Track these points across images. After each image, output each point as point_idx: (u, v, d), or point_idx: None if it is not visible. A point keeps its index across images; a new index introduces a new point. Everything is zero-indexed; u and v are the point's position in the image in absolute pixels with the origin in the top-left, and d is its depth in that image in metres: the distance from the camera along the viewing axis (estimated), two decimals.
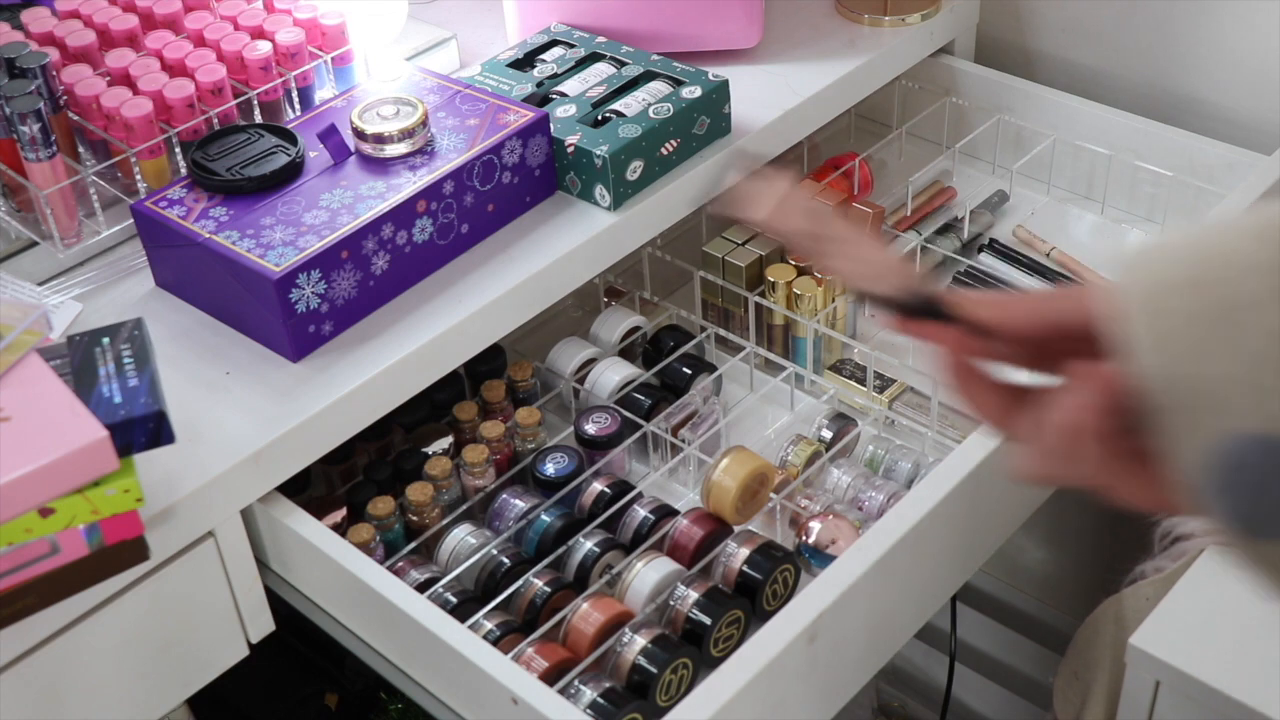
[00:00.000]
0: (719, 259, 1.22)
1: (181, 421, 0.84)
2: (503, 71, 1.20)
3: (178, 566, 0.92)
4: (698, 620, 0.98)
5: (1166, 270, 0.48)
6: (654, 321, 1.26)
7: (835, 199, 1.27)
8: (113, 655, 0.91)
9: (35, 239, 1.08)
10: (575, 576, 1.02)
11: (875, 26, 1.37)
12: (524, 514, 1.06)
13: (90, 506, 0.79)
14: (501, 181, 1.08)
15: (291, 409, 0.95)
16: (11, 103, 1.01)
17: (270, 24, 1.17)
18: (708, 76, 1.17)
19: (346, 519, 1.08)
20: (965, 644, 1.64)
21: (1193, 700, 1.00)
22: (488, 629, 0.96)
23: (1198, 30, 1.37)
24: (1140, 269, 0.48)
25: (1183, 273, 0.47)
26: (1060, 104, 1.39)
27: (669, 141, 1.13)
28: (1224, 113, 1.39)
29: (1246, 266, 0.46)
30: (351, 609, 0.98)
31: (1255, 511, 0.45)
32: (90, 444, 0.77)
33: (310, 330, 0.99)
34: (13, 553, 0.78)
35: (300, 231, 0.99)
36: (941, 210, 1.38)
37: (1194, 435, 0.46)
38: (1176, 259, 0.48)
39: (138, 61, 1.13)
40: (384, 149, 1.05)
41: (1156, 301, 0.47)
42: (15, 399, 0.79)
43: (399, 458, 1.12)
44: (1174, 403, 0.46)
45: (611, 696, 0.92)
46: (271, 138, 1.06)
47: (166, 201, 1.02)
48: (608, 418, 1.13)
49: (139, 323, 0.87)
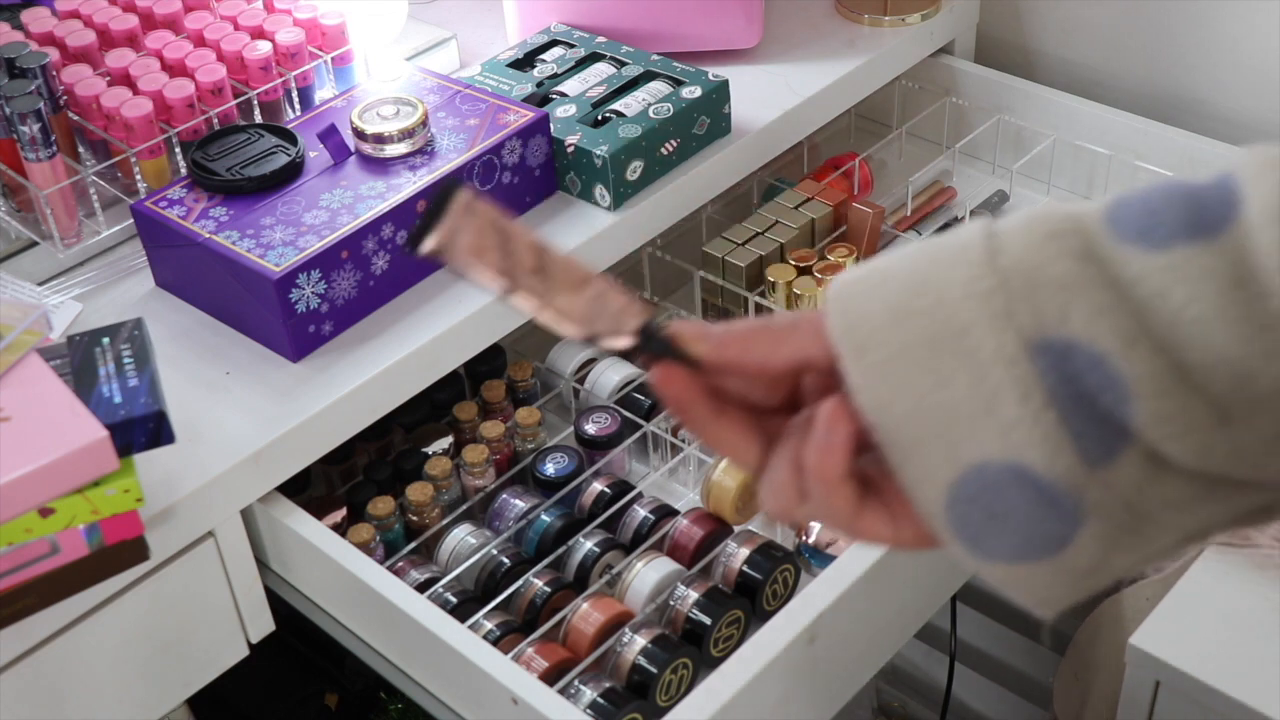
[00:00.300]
0: (719, 259, 1.22)
1: (181, 421, 0.84)
2: (503, 71, 1.20)
3: (178, 566, 0.92)
4: (698, 620, 0.98)
5: (872, 303, 0.45)
6: None
7: (834, 199, 1.27)
8: (113, 655, 0.91)
9: (35, 239, 1.08)
10: (575, 576, 1.02)
11: (875, 26, 1.37)
12: (524, 514, 1.06)
13: (90, 506, 0.79)
14: (501, 181, 1.08)
15: (291, 409, 0.95)
16: (11, 103, 1.01)
17: (270, 24, 1.17)
18: (708, 76, 1.17)
19: (346, 519, 1.08)
20: (965, 644, 1.64)
21: (1193, 700, 1.00)
22: (488, 629, 0.96)
23: (1198, 30, 1.37)
24: (845, 301, 0.46)
25: (893, 303, 0.45)
26: (1060, 104, 1.39)
27: (669, 141, 1.13)
28: (1224, 113, 1.39)
29: (961, 294, 0.44)
30: (351, 609, 0.98)
31: (989, 538, 0.45)
32: (90, 444, 0.77)
33: (310, 330, 0.99)
34: (13, 553, 0.78)
35: (300, 231, 0.99)
36: (941, 210, 1.38)
37: (923, 469, 0.45)
38: (884, 289, 0.46)
39: (138, 61, 1.13)
40: (384, 149, 1.05)
41: (863, 336, 0.45)
42: (15, 399, 0.79)
43: (399, 458, 1.12)
44: (900, 439, 0.45)
45: (611, 696, 0.92)
46: (271, 138, 1.06)
47: (166, 201, 1.02)
48: (608, 418, 1.13)
49: (139, 323, 0.87)
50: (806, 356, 0.48)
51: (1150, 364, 0.41)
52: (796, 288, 1.18)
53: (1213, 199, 0.42)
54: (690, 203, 1.18)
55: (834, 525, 0.48)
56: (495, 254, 0.45)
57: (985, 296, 0.44)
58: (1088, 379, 0.42)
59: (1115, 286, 0.42)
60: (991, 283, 0.44)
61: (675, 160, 1.15)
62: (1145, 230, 0.43)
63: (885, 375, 0.45)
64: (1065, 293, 0.43)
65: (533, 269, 0.46)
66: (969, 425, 0.44)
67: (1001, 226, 0.45)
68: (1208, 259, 0.41)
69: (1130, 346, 0.42)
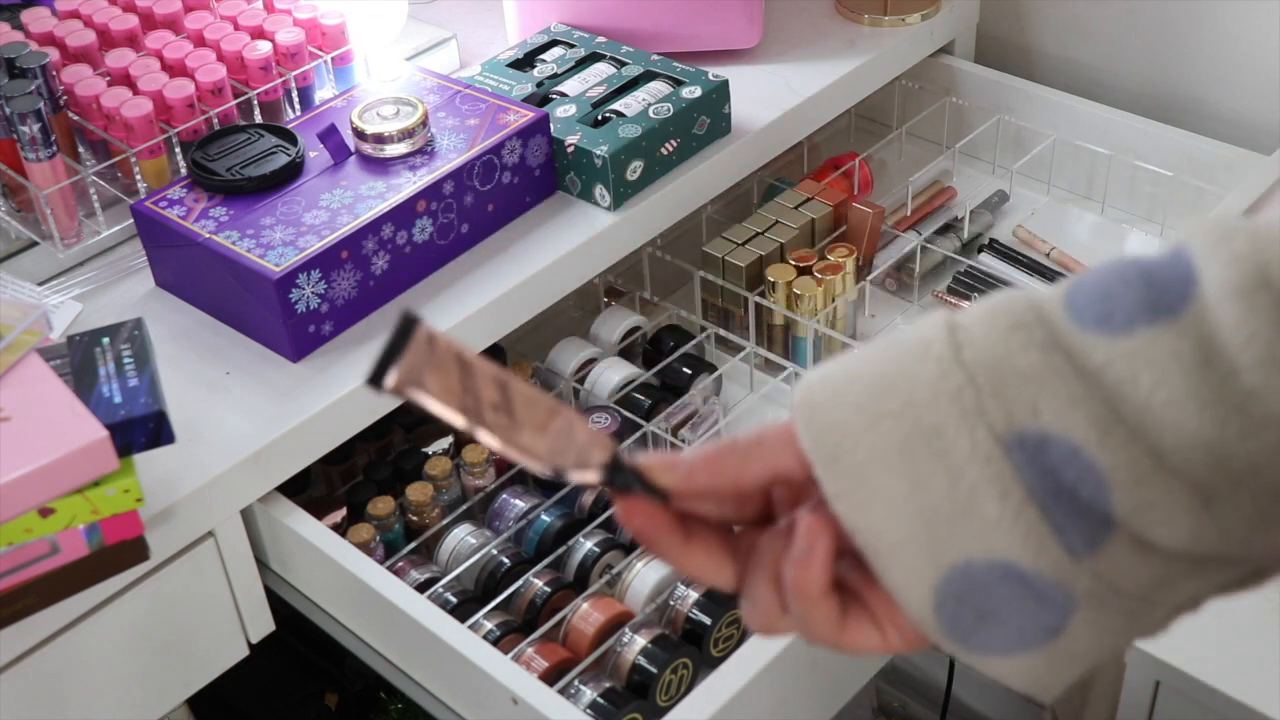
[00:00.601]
0: (719, 259, 1.22)
1: (181, 421, 0.84)
2: (503, 71, 1.20)
3: (178, 566, 0.92)
4: (698, 620, 0.98)
5: (841, 409, 0.44)
6: (654, 321, 1.26)
7: (834, 199, 1.27)
8: (113, 655, 0.91)
9: (35, 239, 1.08)
10: (575, 576, 1.02)
11: (875, 26, 1.37)
12: (524, 514, 1.06)
13: (90, 506, 0.79)
14: (501, 181, 1.08)
15: (291, 409, 0.95)
16: (11, 103, 1.01)
17: (270, 24, 1.17)
18: (708, 76, 1.17)
19: (346, 519, 1.08)
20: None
21: (1193, 700, 1.00)
22: (488, 629, 0.96)
23: (1198, 30, 1.37)
24: (813, 409, 0.45)
25: (862, 405, 0.44)
26: (1060, 104, 1.39)
27: (669, 141, 1.13)
28: (1224, 113, 1.39)
29: (929, 394, 0.43)
30: (351, 609, 0.98)
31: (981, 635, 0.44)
32: (90, 444, 0.77)
33: (310, 330, 0.99)
34: (13, 553, 0.78)
35: (300, 231, 0.99)
36: (941, 210, 1.38)
37: (907, 572, 0.44)
38: (850, 392, 0.44)
39: (138, 61, 1.13)
40: (384, 149, 1.05)
41: (834, 443, 0.44)
42: (15, 399, 0.79)
43: (399, 458, 1.12)
44: (880, 544, 0.44)
45: (611, 696, 0.92)
46: (271, 138, 1.06)
47: (166, 201, 1.02)
48: (608, 418, 1.13)
49: (139, 323, 0.87)
50: (777, 470, 0.47)
51: (1127, 452, 0.41)
52: (796, 288, 1.18)
53: (1168, 277, 0.41)
54: (690, 203, 1.18)
55: (818, 640, 0.47)
56: (457, 390, 0.44)
57: (954, 395, 0.43)
58: (1065, 471, 0.42)
59: (1083, 375, 0.42)
60: (959, 379, 0.43)
61: (675, 160, 1.15)
62: (1104, 316, 0.42)
63: (860, 481, 0.44)
64: (1034, 385, 0.42)
65: (496, 404, 0.44)
66: (949, 526, 0.43)
67: (962, 319, 0.44)
68: (1171, 340, 0.40)
69: (1105, 435, 0.41)
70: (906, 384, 0.44)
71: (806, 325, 1.19)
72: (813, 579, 0.45)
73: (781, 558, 0.46)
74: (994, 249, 1.33)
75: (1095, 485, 0.41)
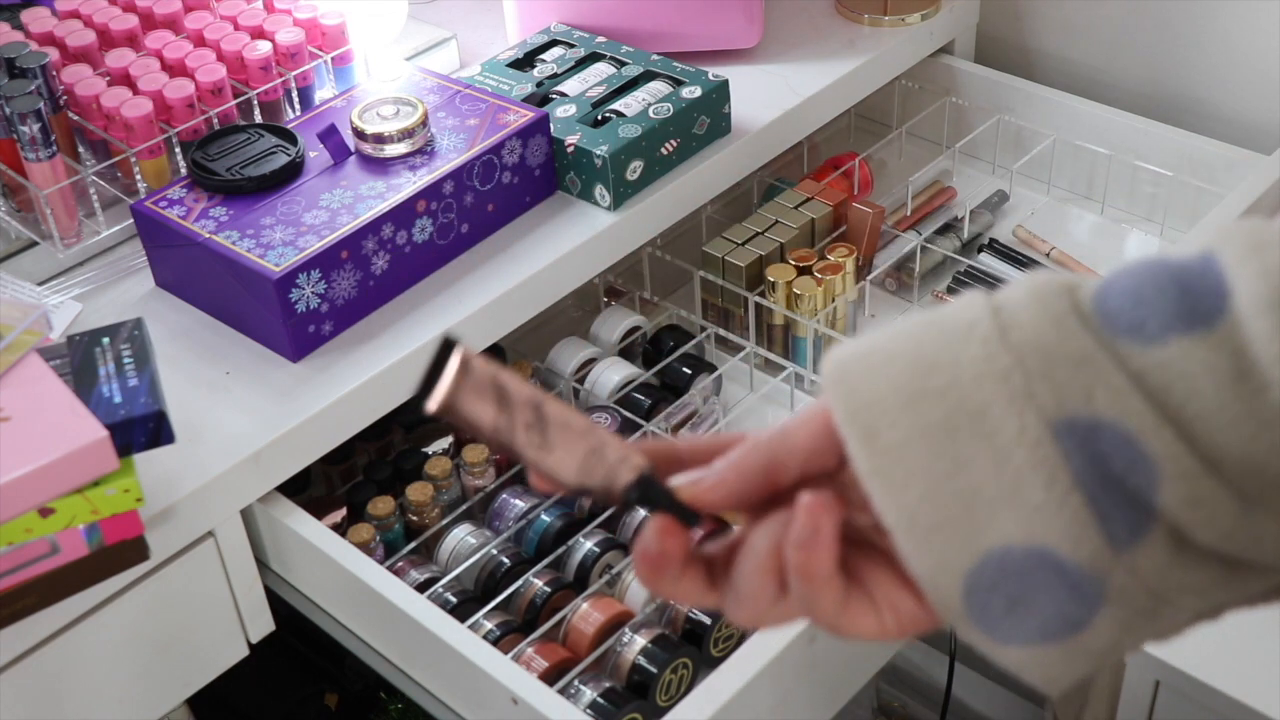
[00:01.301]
0: (719, 259, 1.22)
1: (181, 421, 0.84)
2: (503, 71, 1.20)
3: (178, 566, 0.92)
4: (698, 620, 0.98)
5: (878, 385, 0.43)
6: (654, 321, 1.26)
7: (834, 199, 1.27)
8: (113, 655, 0.91)
9: (35, 239, 1.08)
10: (575, 576, 1.02)
11: (875, 26, 1.37)
12: (524, 514, 1.06)
13: (90, 506, 0.79)
14: (501, 181, 1.08)
15: (291, 409, 0.95)
16: (11, 103, 1.01)
17: (270, 24, 1.17)
18: (708, 76, 1.17)
19: (346, 519, 1.08)
20: (965, 644, 1.64)
21: (1193, 700, 1.00)
22: (488, 629, 0.96)
23: (1198, 30, 1.37)
24: (848, 383, 0.44)
25: (902, 384, 0.43)
26: (1060, 104, 1.39)
27: (669, 141, 1.13)
28: (1224, 113, 1.39)
29: (975, 374, 0.42)
30: (351, 609, 0.98)
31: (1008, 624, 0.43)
32: (90, 444, 0.77)
33: (310, 330, 0.99)
34: (13, 553, 0.78)
35: (300, 231, 0.99)
36: (941, 210, 1.38)
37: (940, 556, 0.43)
38: (889, 369, 0.44)
39: (138, 61, 1.13)
40: (384, 149, 1.05)
41: (872, 419, 0.43)
42: (15, 399, 0.79)
43: (399, 458, 1.12)
44: (914, 525, 0.43)
45: (611, 696, 0.92)
46: (271, 138, 1.06)
47: (166, 201, 1.02)
48: (608, 418, 1.13)
49: (139, 323, 0.87)
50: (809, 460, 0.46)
51: (1178, 445, 0.40)
52: (796, 288, 1.18)
53: (1201, 287, 0.41)
54: (690, 203, 1.18)
55: (818, 622, 0.47)
56: (493, 410, 0.45)
57: (1001, 376, 0.42)
58: (1115, 459, 0.41)
59: (1125, 371, 0.41)
60: (1006, 362, 0.42)
61: (675, 160, 1.15)
62: (1138, 323, 0.41)
63: (897, 460, 0.43)
64: (1087, 370, 0.41)
65: (529, 424, 0.46)
66: (989, 510, 0.42)
67: (1004, 301, 0.44)
68: (1205, 352, 0.40)
69: (1159, 425, 0.40)
70: (950, 363, 0.43)
71: (806, 325, 1.19)
72: (820, 560, 0.45)
73: (781, 544, 0.46)
74: (994, 249, 1.33)
75: (1145, 475, 0.41)
